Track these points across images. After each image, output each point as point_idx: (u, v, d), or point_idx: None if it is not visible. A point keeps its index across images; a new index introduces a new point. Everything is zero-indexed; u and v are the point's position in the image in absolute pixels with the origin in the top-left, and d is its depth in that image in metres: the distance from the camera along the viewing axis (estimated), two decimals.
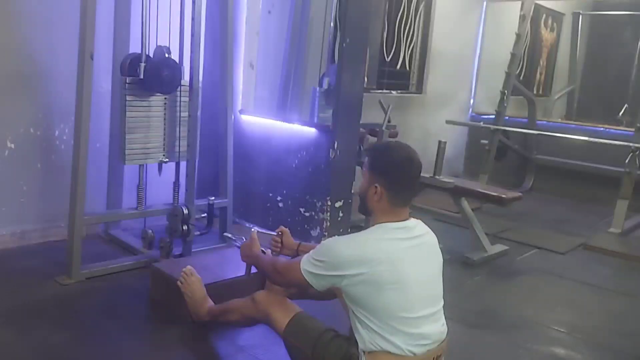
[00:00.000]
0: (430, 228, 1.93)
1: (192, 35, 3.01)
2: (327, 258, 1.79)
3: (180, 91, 3.13)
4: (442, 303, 1.88)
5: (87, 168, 2.90)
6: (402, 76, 5.96)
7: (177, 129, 3.18)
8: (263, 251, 2.27)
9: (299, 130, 3.54)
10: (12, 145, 3.17)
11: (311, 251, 1.86)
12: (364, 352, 1.78)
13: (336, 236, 1.87)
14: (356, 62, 3.33)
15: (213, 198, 3.34)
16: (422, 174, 4.23)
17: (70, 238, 2.88)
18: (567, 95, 8.13)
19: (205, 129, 3.42)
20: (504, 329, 2.82)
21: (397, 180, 1.80)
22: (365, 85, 3.62)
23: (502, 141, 5.84)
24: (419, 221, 1.90)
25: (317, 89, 3.96)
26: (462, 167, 6.76)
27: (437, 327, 1.82)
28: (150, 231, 3.23)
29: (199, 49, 3.06)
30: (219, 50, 3.50)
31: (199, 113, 3.19)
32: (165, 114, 3.14)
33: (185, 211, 3.07)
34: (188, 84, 3.09)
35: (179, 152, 3.22)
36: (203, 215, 3.37)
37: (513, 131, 5.90)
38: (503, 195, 3.73)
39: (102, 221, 3.45)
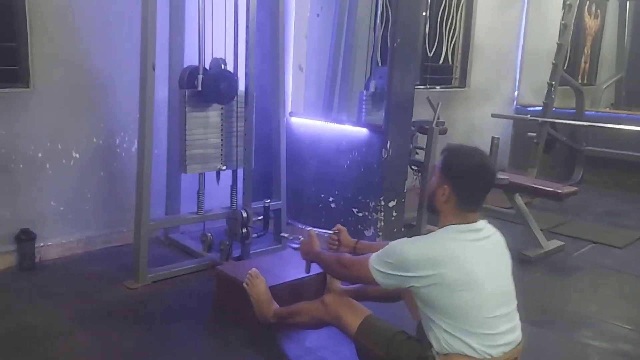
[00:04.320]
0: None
1: (247, 43, 3.08)
2: (395, 259, 1.80)
3: (237, 101, 3.21)
4: (515, 302, 1.87)
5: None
6: (445, 71, 5.93)
7: (234, 137, 3.27)
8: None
9: (350, 131, 3.56)
10: (77, 155, 3.30)
11: (380, 250, 1.87)
12: (438, 353, 1.79)
13: (405, 238, 1.88)
14: (407, 61, 3.33)
15: (269, 200, 3.40)
16: None
17: (137, 243, 2.98)
18: (615, 84, 7.89)
19: (256, 133, 3.48)
20: (567, 326, 2.79)
21: (467, 187, 1.78)
22: None
23: (550, 133, 5.73)
24: (486, 222, 1.88)
25: (364, 92, 3.97)
26: (507, 160, 6.66)
27: (512, 328, 1.81)
28: (209, 234, 3.31)
29: (253, 57, 3.13)
30: (269, 55, 3.55)
31: (254, 121, 3.26)
32: (222, 123, 3.23)
33: (244, 214, 3.14)
34: (243, 93, 3.17)
35: (237, 159, 3.30)
36: (259, 217, 3.43)
37: (561, 123, 5.78)
38: (559, 191, 3.67)
39: (166, 226, 3.57)
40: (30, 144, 3.12)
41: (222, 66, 3.08)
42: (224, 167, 3.28)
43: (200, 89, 3.03)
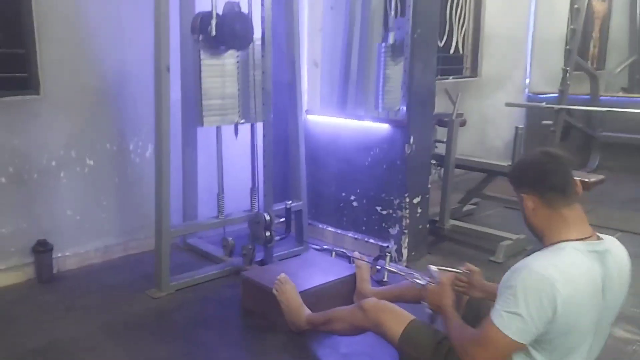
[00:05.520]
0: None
1: None
2: (539, 296, 1.43)
3: (253, 49, 3.07)
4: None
5: None
6: (456, 61, 5.83)
7: (251, 88, 3.11)
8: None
9: (371, 127, 3.45)
10: (91, 162, 3.21)
11: (500, 301, 1.48)
12: None
13: (527, 260, 1.51)
14: (427, 52, 3.23)
15: (290, 202, 3.30)
16: (496, 163, 4.06)
17: (158, 251, 2.89)
18: (628, 68, 7.76)
19: (274, 133, 3.38)
20: None
21: (538, 176, 1.58)
22: None
23: (567, 121, 5.61)
24: (612, 241, 1.66)
25: (383, 44, 3.78)
26: (522, 150, 6.55)
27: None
28: (230, 239, 3.22)
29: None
30: (284, 51, 3.44)
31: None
32: (238, 72, 3.08)
33: (267, 217, 3.05)
34: (260, 40, 3.01)
35: (255, 112, 3.15)
36: (280, 220, 3.34)
37: (575, 109, 5.66)
38: (586, 180, 3.56)
39: (187, 232, 3.47)
40: (43, 153, 3.03)
41: (236, 9, 2.92)
42: (242, 120, 3.14)
43: (214, 33, 2.84)
